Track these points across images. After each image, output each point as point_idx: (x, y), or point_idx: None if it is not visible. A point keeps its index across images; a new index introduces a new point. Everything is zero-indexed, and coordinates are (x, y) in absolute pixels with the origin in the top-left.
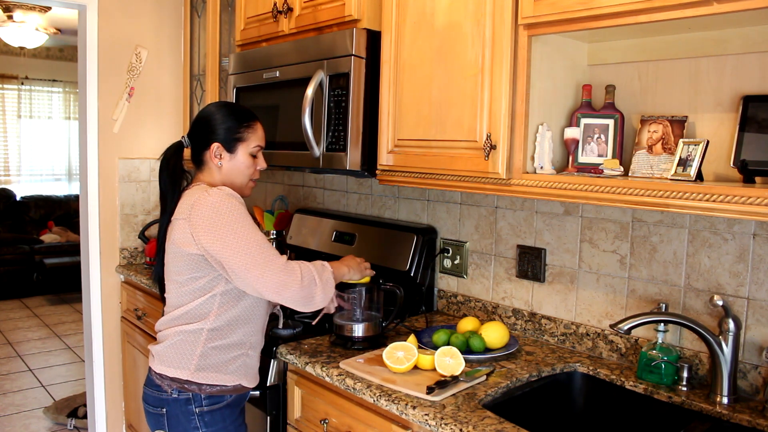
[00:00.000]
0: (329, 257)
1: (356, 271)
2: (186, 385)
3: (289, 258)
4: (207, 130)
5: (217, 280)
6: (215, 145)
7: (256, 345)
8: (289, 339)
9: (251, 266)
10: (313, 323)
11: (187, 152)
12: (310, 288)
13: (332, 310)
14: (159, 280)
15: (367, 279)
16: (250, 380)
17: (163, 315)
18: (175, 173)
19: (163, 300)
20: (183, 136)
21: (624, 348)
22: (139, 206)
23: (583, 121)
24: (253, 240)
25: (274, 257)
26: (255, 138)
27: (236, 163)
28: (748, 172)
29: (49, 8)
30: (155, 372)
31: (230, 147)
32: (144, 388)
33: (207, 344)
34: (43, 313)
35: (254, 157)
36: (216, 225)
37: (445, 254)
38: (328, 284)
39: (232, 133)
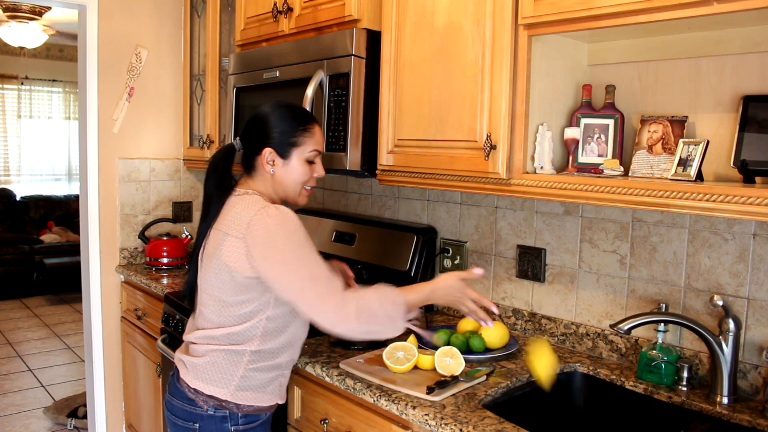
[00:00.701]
0: (329, 257)
1: (450, 296)
2: (224, 404)
3: (357, 276)
4: (260, 133)
5: (266, 305)
6: (267, 150)
7: (290, 364)
8: None
9: (301, 300)
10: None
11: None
12: (368, 325)
13: (418, 330)
14: (191, 290)
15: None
16: (283, 397)
17: (195, 323)
18: (224, 179)
19: (192, 309)
20: (236, 138)
21: (624, 348)
22: (139, 206)
23: (583, 121)
24: (306, 272)
25: (327, 294)
26: (312, 142)
27: (289, 170)
28: (748, 172)
29: (49, 8)
30: (189, 386)
31: (284, 152)
32: (170, 398)
33: (249, 366)
34: (43, 313)
35: (310, 163)
36: (270, 250)
37: (445, 254)
38: (392, 317)
39: (286, 137)
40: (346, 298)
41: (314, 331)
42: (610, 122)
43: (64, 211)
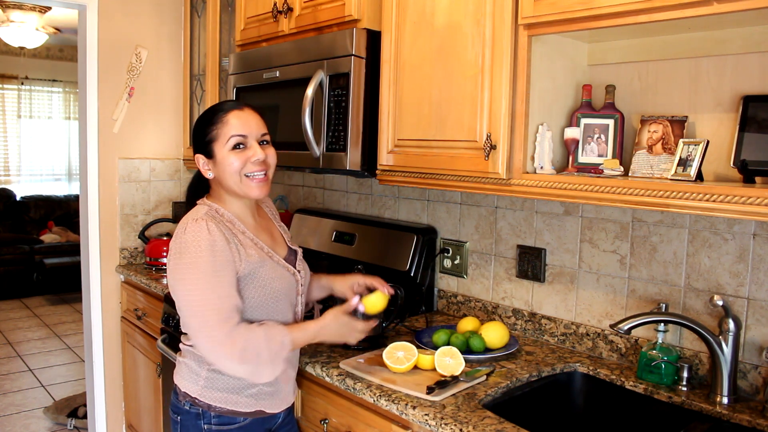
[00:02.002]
0: (329, 257)
1: (338, 333)
2: (196, 401)
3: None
4: (193, 146)
5: None
6: (197, 157)
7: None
8: None
9: (189, 325)
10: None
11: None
12: (250, 365)
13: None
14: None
15: (383, 304)
16: (273, 406)
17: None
18: (193, 193)
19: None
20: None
21: (624, 348)
22: (139, 206)
23: (583, 121)
24: (201, 299)
25: (216, 326)
26: (226, 130)
27: (220, 165)
28: (748, 172)
29: (49, 8)
30: (174, 382)
31: (207, 152)
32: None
33: (210, 366)
34: (43, 313)
35: (240, 149)
36: (174, 267)
37: (445, 254)
38: (276, 360)
39: (202, 137)
40: (234, 334)
41: None
42: (610, 122)
43: (64, 211)
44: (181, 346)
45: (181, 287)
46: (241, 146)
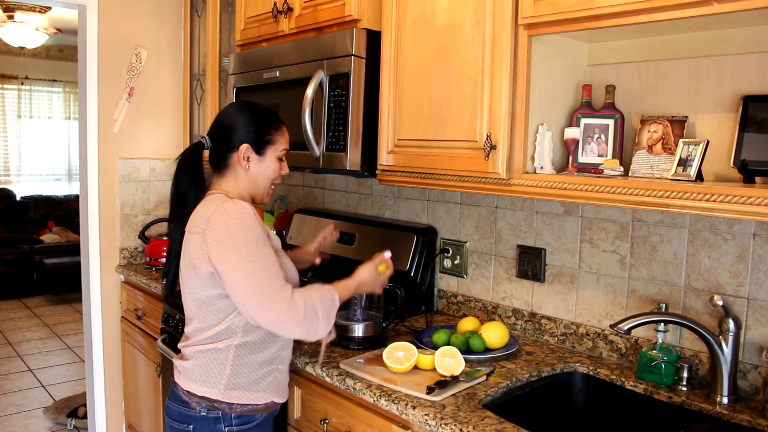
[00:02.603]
0: (329, 257)
1: (371, 286)
2: (216, 404)
3: (309, 277)
4: (233, 131)
5: None
6: (244, 147)
7: (286, 359)
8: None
9: (251, 296)
10: (319, 361)
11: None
12: (310, 324)
13: (328, 341)
14: (170, 291)
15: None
16: (281, 395)
17: (184, 330)
18: (198, 175)
19: (166, 302)
20: (203, 136)
21: (624, 348)
22: (139, 206)
23: (583, 121)
24: (259, 268)
25: (278, 291)
26: (283, 141)
27: (264, 166)
28: (748, 172)
29: (49, 8)
30: (182, 388)
31: (260, 149)
32: (168, 401)
33: (236, 362)
34: (43, 313)
35: (281, 160)
36: (225, 244)
37: (445, 254)
38: (329, 316)
39: (261, 134)
40: (295, 299)
41: None
42: (610, 122)
43: (64, 211)
44: (186, 350)
45: (239, 265)
46: (282, 159)
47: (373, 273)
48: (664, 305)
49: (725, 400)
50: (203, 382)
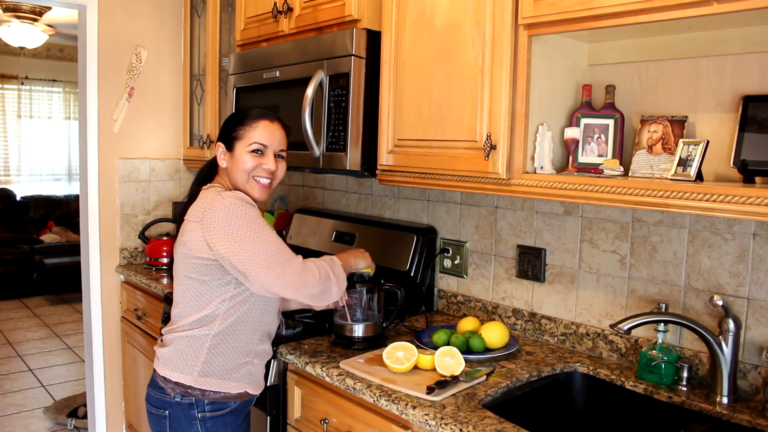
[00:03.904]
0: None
1: (362, 259)
2: (189, 390)
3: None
4: (218, 134)
5: (226, 286)
6: (217, 145)
7: (261, 354)
8: (290, 339)
9: (272, 266)
10: (349, 319)
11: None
12: (326, 283)
13: (342, 303)
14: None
15: (370, 269)
16: (255, 387)
17: (169, 316)
18: (204, 176)
19: (166, 302)
20: None
21: (624, 348)
22: (139, 206)
23: (583, 121)
24: (270, 241)
25: (291, 257)
26: (253, 135)
27: (235, 161)
28: (748, 172)
29: (49, 8)
30: (159, 374)
31: (229, 145)
32: (148, 388)
33: (211, 350)
34: (43, 313)
35: (258, 154)
36: (231, 229)
37: (445, 254)
38: (341, 277)
39: (229, 132)
40: (307, 263)
41: (315, 331)
42: (610, 122)
43: (64, 211)
44: (166, 336)
45: (242, 245)
46: (259, 152)
47: (358, 251)
48: (664, 305)
49: (725, 400)
50: (178, 368)
